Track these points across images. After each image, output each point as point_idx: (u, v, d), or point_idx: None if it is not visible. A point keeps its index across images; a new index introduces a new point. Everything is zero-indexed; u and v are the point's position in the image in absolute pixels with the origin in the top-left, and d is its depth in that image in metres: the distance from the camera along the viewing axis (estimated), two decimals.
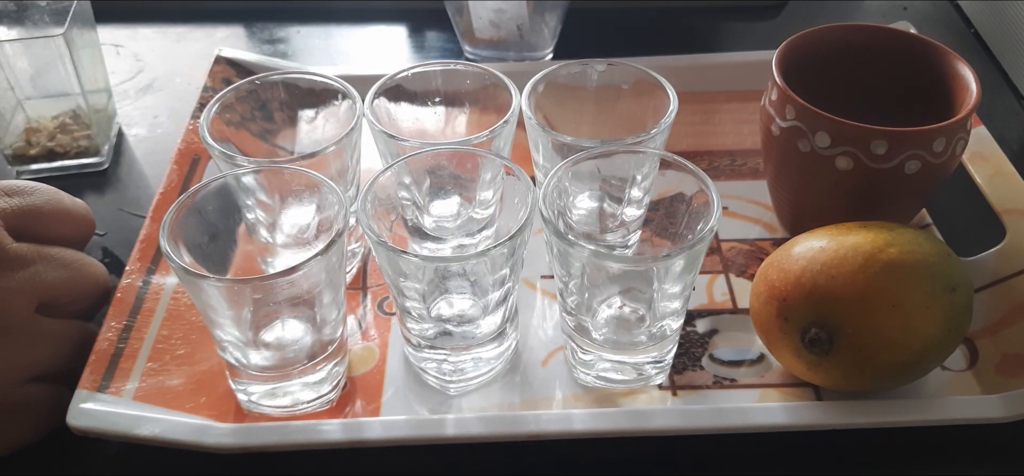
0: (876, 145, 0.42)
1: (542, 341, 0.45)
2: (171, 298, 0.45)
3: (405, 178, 0.43)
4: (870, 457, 0.40)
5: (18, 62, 0.54)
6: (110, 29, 0.71)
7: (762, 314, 0.41)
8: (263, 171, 0.42)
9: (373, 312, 0.47)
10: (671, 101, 0.44)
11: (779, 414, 0.39)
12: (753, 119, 0.53)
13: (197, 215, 0.39)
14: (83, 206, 0.45)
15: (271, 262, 0.45)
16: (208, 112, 0.44)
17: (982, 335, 0.43)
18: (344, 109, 0.47)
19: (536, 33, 0.64)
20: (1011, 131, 0.59)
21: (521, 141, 0.46)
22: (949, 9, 0.72)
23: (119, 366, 0.41)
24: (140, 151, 0.60)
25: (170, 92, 0.65)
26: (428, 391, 0.42)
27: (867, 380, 0.39)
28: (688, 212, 0.40)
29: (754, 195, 0.53)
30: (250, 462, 0.39)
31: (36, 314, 0.40)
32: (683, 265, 0.37)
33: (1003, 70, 0.65)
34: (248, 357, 0.39)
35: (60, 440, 0.40)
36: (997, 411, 0.38)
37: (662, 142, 0.44)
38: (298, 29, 0.72)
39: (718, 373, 0.43)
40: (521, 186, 0.39)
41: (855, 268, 0.38)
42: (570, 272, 0.38)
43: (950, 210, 0.50)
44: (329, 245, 0.36)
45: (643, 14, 0.72)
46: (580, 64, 0.47)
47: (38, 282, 0.39)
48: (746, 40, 0.69)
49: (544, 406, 0.42)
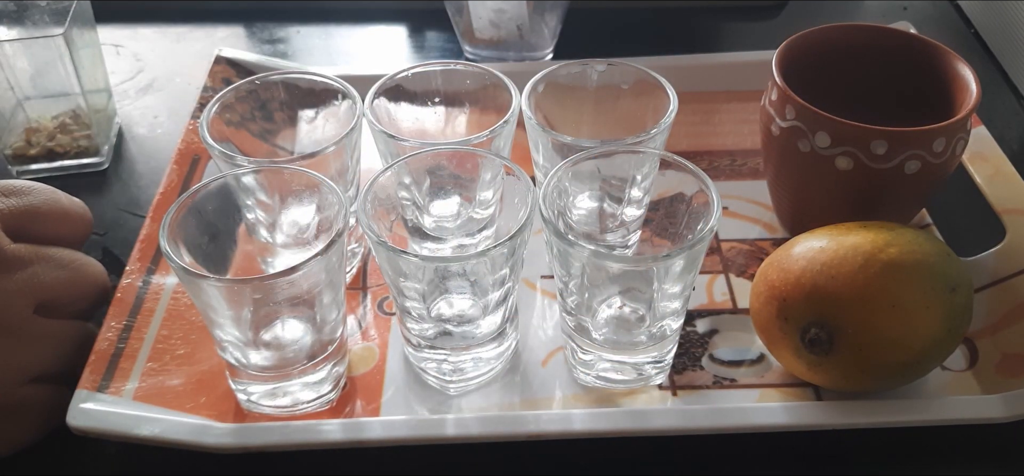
0: (876, 145, 0.42)
1: (542, 341, 0.45)
2: (171, 298, 0.45)
3: (405, 178, 0.43)
4: (870, 457, 0.40)
5: (18, 62, 0.54)
6: (110, 29, 0.71)
7: (762, 314, 0.41)
8: (263, 171, 0.42)
9: (373, 312, 0.47)
10: (671, 101, 0.44)
11: (779, 414, 0.39)
12: (753, 119, 0.54)
13: (197, 215, 0.39)
14: (81, 206, 0.45)
15: (271, 262, 0.45)
16: (208, 112, 0.44)
17: (982, 335, 0.43)
18: (344, 109, 0.47)
19: (536, 33, 0.64)
20: (1011, 131, 0.59)
21: (521, 141, 0.46)
22: (949, 9, 0.72)
23: (119, 366, 0.41)
24: (140, 151, 0.60)
25: (170, 92, 0.65)
26: (428, 391, 0.42)
27: (867, 380, 0.39)
28: (688, 212, 0.40)
29: (754, 195, 0.53)
30: (250, 462, 0.39)
31: (35, 315, 0.40)
32: (683, 265, 0.37)
33: (1003, 70, 0.65)
34: (248, 357, 0.39)
35: (60, 440, 0.40)
36: (997, 411, 0.38)
37: (662, 142, 0.44)
38: (298, 29, 0.73)
39: (718, 373, 0.43)
40: (521, 186, 0.39)
41: (855, 268, 0.38)
42: (570, 272, 0.38)
43: (950, 210, 0.50)
44: (329, 245, 0.36)
45: (643, 14, 0.72)
46: (580, 64, 0.47)
47: (37, 283, 0.39)
48: (746, 40, 0.69)
49: (544, 406, 0.42)
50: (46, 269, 0.40)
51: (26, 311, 0.39)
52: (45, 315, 0.40)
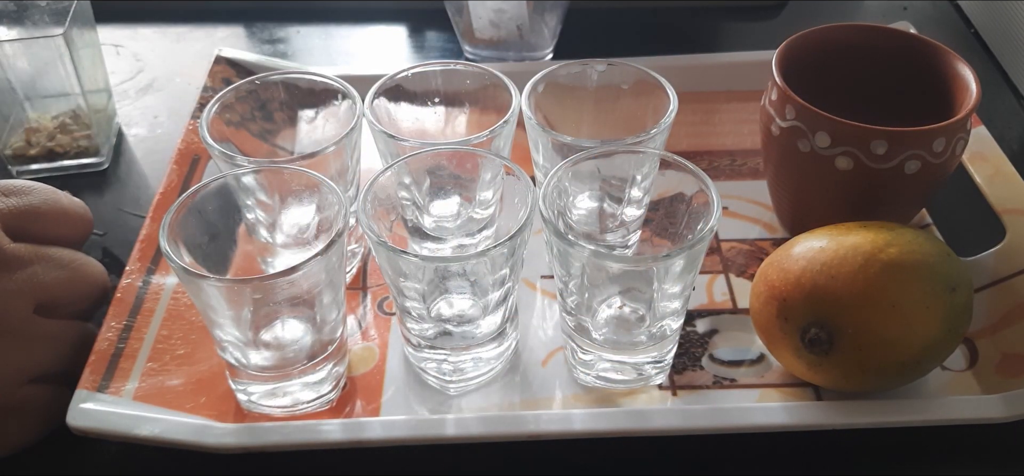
0: (876, 145, 0.42)
1: (542, 341, 0.45)
2: (171, 298, 0.45)
3: (405, 178, 0.43)
4: (870, 457, 0.40)
5: (18, 62, 0.54)
6: (110, 29, 0.71)
7: (762, 314, 0.41)
8: (263, 171, 0.42)
9: (373, 312, 0.47)
10: (671, 101, 0.44)
11: (779, 414, 0.39)
12: (753, 119, 0.53)
13: (197, 215, 0.39)
14: (81, 205, 0.45)
15: (271, 262, 0.45)
16: (208, 112, 0.44)
17: (982, 335, 0.43)
18: (344, 109, 0.47)
19: (536, 33, 0.64)
20: (1011, 131, 0.59)
21: (521, 141, 0.46)
22: (949, 9, 0.72)
23: (119, 366, 0.41)
24: (140, 151, 0.60)
25: (170, 92, 0.65)
26: (428, 391, 0.42)
27: (867, 380, 0.39)
28: (688, 212, 0.40)
29: (754, 195, 0.53)
30: (250, 462, 0.39)
31: (34, 315, 0.39)
32: (683, 265, 0.37)
33: (1003, 70, 0.65)
34: (248, 357, 0.39)
35: (60, 440, 0.40)
36: (997, 411, 0.38)
37: (662, 142, 0.44)
38: (298, 29, 0.73)
39: (718, 373, 0.43)
40: (521, 186, 0.39)
41: (855, 268, 0.38)
42: (570, 272, 0.38)
43: (950, 210, 0.50)
44: (329, 245, 0.36)
45: (643, 14, 0.72)
46: (580, 64, 0.47)
47: (36, 283, 0.39)
48: (746, 40, 0.69)
49: (544, 406, 0.42)
50: (46, 269, 0.40)
51: (26, 311, 0.39)
52: (45, 315, 0.40)
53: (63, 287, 0.41)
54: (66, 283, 0.41)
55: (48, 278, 0.40)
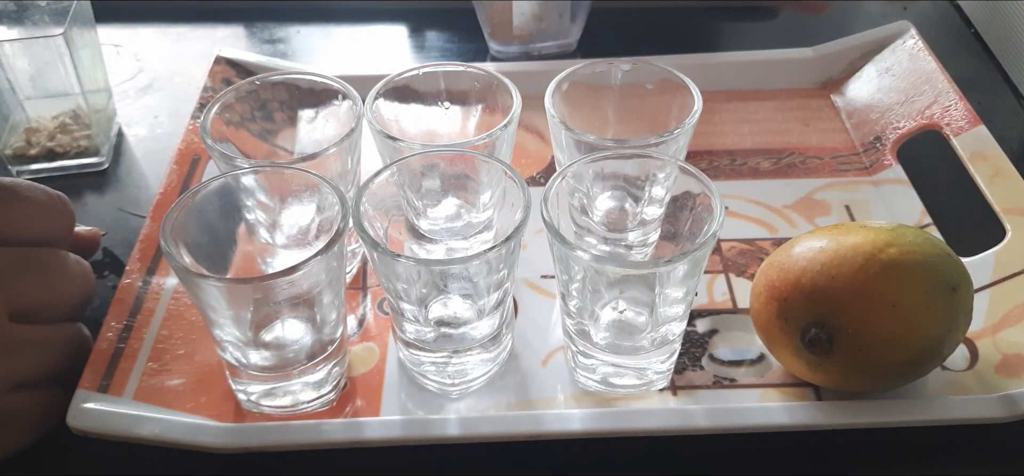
0: None
1: (542, 342, 0.45)
2: (171, 298, 0.45)
3: (403, 180, 0.43)
4: (870, 457, 0.40)
5: (18, 62, 0.54)
6: (110, 29, 0.71)
7: (762, 314, 0.41)
8: (263, 172, 0.42)
9: (373, 312, 0.47)
10: (695, 101, 0.44)
11: (779, 414, 0.39)
12: (753, 119, 0.53)
13: (197, 215, 0.39)
14: (60, 198, 0.41)
15: (271, 262, 0.45)
16: (208, 112, 0.44)
17: (982, 335, 0.43)
18: (344, 110, 0.47)
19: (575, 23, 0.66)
20: (1011, 131, 0.59)
21: (521, 143, 0.46)
22: (949, 9, 0.72)
23: (119, 366, 0.41)
24: (140, 151, 0.60)
25: (170, 92, 0.65)
26: (428, 391, 0.42)
27: (867, 380, 0.39)
28: (692, 216, 0.40)
29: (754, 195, 0.53)
30: (250, 462, 0.39)
31: (10, 323, 0.37)
32: (685, 270, 0.37)
33: (1003, 70, 0.65)
34: (248, 357, 0.39)
35: (60, 440, 0.40)
36: (997, 411, 0.38)
37: (686, 142, 0.44)
38: (298, 29, 0.72)
39: (718, 373, 0.43)
40: (516, 189, 0.39)
41: (855, 268, 0.38)
42: (572, 275, 0.38)
43: (950, 210, 0.50)
44: (329, 245, 0.36)
45: (643, 14, 0.72)
46: (606, 63, 0.47)
47: (8, 289, 0.37)
48: (746, 40, 0.69)
49: (544, 406, 0.42)
50: (18, 274, 0.38)
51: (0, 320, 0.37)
52: (23, 321, 0.38)
53: (39, 291, 0.38)
54: (42, 286, 0.39)
55: (21, 283, 0.37)
